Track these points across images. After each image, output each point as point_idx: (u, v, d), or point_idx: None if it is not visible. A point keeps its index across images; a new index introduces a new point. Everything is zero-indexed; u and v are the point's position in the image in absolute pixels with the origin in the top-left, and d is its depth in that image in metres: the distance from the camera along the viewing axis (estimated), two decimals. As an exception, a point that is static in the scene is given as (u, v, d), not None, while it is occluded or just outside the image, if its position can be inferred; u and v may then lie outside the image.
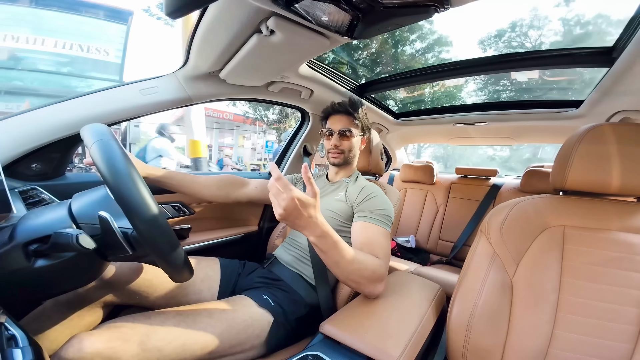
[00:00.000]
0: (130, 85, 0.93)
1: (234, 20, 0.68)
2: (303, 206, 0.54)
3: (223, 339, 0.64)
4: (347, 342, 0.59)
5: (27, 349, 0.32)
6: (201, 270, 0.85)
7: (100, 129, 0.52)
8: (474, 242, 0.70)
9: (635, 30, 0.70)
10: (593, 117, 1.21)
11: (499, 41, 11.63)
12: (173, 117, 10.37)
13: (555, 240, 0.62)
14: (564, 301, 0.58)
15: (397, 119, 1.86)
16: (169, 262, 0.50)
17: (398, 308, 0.72)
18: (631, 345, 0.53)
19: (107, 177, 0.45)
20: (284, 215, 0.54)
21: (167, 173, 0.90)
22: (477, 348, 0.62)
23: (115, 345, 0.52)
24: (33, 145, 0.79)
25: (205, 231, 1.24)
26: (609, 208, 0.62)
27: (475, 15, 31.23)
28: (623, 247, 0.57)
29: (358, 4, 0.58)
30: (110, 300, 0.73)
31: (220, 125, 15.39)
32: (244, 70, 0.94)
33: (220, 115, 14.68)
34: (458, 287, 0.69)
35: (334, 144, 0.95)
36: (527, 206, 0.67)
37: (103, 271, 0.59)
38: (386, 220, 0.81)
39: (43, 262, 0.46)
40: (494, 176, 2.01)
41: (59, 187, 0.87)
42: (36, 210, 0.54)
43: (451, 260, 1.84)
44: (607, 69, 0.90)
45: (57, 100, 0.83)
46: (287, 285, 0.86)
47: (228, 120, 14.98)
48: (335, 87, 1.29)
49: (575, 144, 0.63)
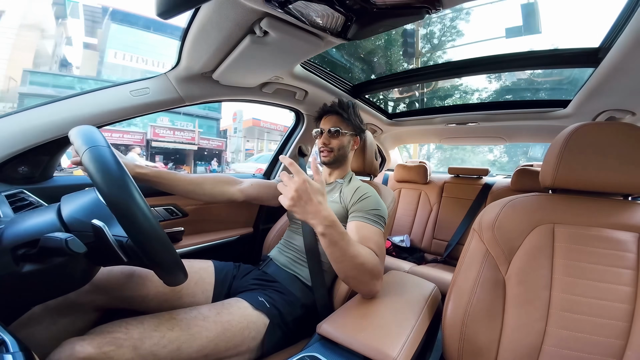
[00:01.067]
0: (121, 86, 0.92)
1: (227, 21, 0.68)
2: (313, 191, 0.57)
3: (219, 342, 0.64)
4: (344, 343, 0.59)
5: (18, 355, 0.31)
6: (195, 273, 0.84)
7: (91, 133, 0.51)
8: (467, 240, 0.71)
9: (620, 32, 0.72)
10: (580, 117, 1.24)
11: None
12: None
13: (545, 238, 0.63)
14: (556, 298, 0.59)
15: (391, 120, 1.87)
16: (163, 266, 0.49)
17: (394, 307, 0.72)
18: (623, 341, 0.54)
19: (102, 188, 0.44)
20: (296, 198, 0.55)
21: (158, 172, 0.89)
22: (472, 345, 0.63)
23: (108, 350, 0.51)
24: (20, 148, 0.77)
25: (199, 234, 1.23)
26: (597, 206, 0.64)
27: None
28: (612, 244, 0.59)
29: (351, 5, 0.59)
30: (102, 304, 0.71)
31: (271, 135, 16.98)
32: (237, 71, 0.94)
33: (275, 127, 16.54)
34: (452, 285, 0.69)
35: (323, 142, 0.97)
36: (518, 205, 0.68)
37: (94, 275, 0.58)
38: (380, 220, 0.82)
39: (32, 266, 0.44)
40: (485, 175, 2.04)
41: (47, 190, 0.85)
42: (24, 214, 0.52)
43: (446, 259, 1.86)
44: (593, 69, 0.92)
45: (46, 101, 0.82)
46: (283, 286, 0.85)
47: (279, 131, 16.32)
48: (330, 88, 1.29)
49: (562, 143, 0.65)
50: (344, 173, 1.03)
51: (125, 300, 0.72)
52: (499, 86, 5.83)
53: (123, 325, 0.57)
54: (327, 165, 1.01)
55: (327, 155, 0.98)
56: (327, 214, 0.59)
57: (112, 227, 0.48)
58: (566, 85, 2.27)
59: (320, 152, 1.00)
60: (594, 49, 0.89)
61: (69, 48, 17.03)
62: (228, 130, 17.20)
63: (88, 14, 16.40)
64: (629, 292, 0.55)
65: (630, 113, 1.07)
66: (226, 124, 17.34)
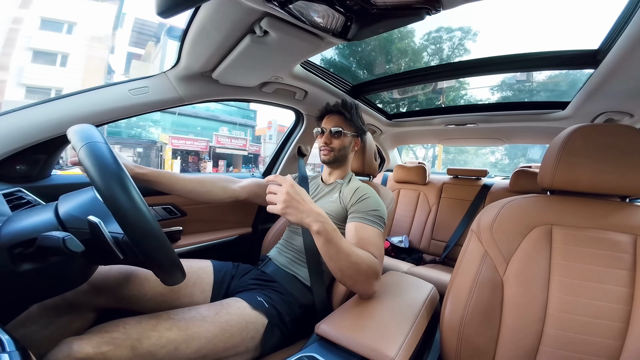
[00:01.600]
0: (120, 85, 0.91)
1: (227, 20, 0.68)
2: (302, 192, 0.62)
3: (217, 342, 0.63)
4: (342, 343, 0.59)
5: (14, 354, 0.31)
6: (193, 272, 0.84)
7: (89, 130, 0.51)
8: (465, 241, 0.71)
9: (619, 34, 0.73)
10: (579, 118, 1.25)
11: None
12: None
13: (543, 239, 0.63)
14: (553, 299, 0.59)
15: (390, 120, 1.87)
16: (161, 265, 0.49)
17: (392, 308, 0.72)
18: (620, 342, 0.54)
19: (97, 182, 0.44)
20: (287, 202, 0.59)
21: (156, 173, 0.88)
22: (470, 346, 0.63)
23: (106, 350, 0.51)
24: (18, 146, 0.76)
25: (198, 233, 1.23)
26: (595, 207, 0.64)
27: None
28: (609, 245, 0.59)
29: (352, 6, 0.59)
30: (99, 304, 0.71)
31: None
32: (237, 70, 0.94)
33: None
34: (450, 286, 0.69)
35: (324, 141, 0.97)
36: (516, 206, 0.68)
37: (91, 275, 0.58)
38: (379, 221, 0.82)
39: (28, 265, 0.44)
40: (484, 176, 2.05)
41: (45, 188, 0.85)
42: (21, 213, 0.52)
43: (444, 260, 1.86)
44: (592, 70, 0.92)
45: (44, 100, 0.81)
46: (282, 286, 0.85)
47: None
48: (330, 88, 1.29)
49: (561, 145, 0.65)
50: (344, 173, 1.03)
51: (123, 300, 0.72)
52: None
53: (121, 325, 0.56)
54: (326, 164, 1.01)
55: (327, 154, 0.98)
56: (319, 210, 0.63)
57: (108, 224, 0.48)
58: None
59: (320, 150, 1.00)
60: (593, 50, 0.89)
61: (111, 56, 18.06)
62: (262, 136, 18.67)
63: (137, 26, 18.18)
64: (626, 293, 0.55)
65: (629, 115, 1.08)
66: (260, 129, 18.82)
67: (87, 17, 13.38)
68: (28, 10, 12.37)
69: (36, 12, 12.53)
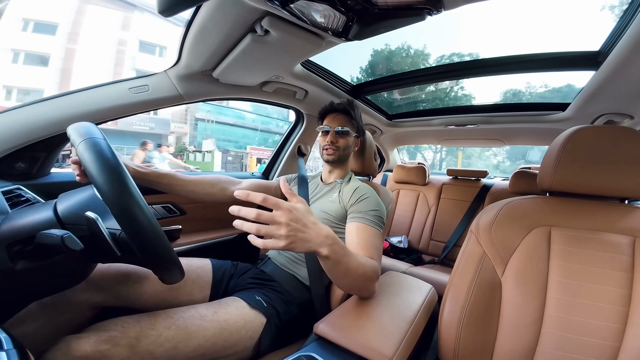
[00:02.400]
0: (120, 83, 0.91)
1: (228, 19, 0.68)
2: (303, 215, 0.49)
3: (216, 341, 0.63)
4: (340, 343, 0.59)
5: (12, 352, 0.31)
6: (192, 271, 0.84)
7: (89, 127, 0.51)
8: (464, 242, 0.71)
9: (620, 36, 0.73)
10: (579, 120, 1.25)
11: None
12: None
13: (542, 240, 0.63)
14: (552, 300, 0.59)
15: (390, 120, 1.87)
16: (159, 263, 0.49)
17: (391, 308, 0.72)
18: (617, 343, 0.54)
19: (94, 175, 0.43)
20: (292, 235, 0.46)
21: (157, 172, 0.88)
22: (468, 347, 0.63)
23: (104, 348, 0.51)
24: (18, 144, 0.76)
25: (197, 232, 1.23)
26: (594, 209, 0.64)
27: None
28: (608, 247, 0.59)
29: (353, 6, 0.59)
30: (98, 302, 0.71)
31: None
32: (237, 69, 0.94)
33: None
34: (449, 287, 0.69)
35: (330, 141, 0.97)
36: (515, 207, 0.68)
37: (90, 273, 0.57)
38: (379, 221, 0.82)
39: (27, 263, 0.44)
40: (484, 177, 2.05)
41: (44, 186, 0.85)
42: (20, 210, 0.52)
43: (443, 260, 1.86)
44: (593, 72, 0.92)
45: (44, 98, 0.81)
46: (281, 286, 0.85)
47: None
48: (330, 88, 1.29)
49: (561, 146, 0.65)
50: (343, 173, 1.03)
51: (122, 298, 0.72)
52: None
53: (119, 324, 0.56)
54: (330, 163, 1.01)
55: (332, 154, 0.98)
56: (327, 232, 0.53)
57: (106, 221, 0.48)
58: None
59: (324, 149, 0.99)
60: (594, 52, 0.89)
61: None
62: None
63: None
64: (624, 294, 0.56)
65: (629, 117, 1.08)
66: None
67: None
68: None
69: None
